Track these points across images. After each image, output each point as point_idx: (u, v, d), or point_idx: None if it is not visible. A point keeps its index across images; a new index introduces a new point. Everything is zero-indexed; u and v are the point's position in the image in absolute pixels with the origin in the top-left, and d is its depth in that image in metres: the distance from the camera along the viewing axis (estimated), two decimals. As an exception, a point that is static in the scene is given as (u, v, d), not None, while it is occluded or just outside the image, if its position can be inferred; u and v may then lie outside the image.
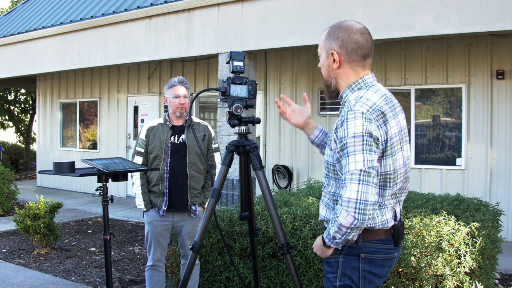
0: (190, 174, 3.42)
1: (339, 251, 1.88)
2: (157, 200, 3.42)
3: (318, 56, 2.01)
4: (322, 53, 1.97)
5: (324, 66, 1.97)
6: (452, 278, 3.05)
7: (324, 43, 1.95)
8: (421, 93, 7.11)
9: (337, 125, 1.83)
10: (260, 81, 8.39)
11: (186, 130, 3.46)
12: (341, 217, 1.71)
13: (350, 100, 1.87)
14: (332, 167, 1.89)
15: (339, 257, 1.89)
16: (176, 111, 3.43)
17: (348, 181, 1.71)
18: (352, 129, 1.73)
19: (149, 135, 3.45)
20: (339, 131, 1.78)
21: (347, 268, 1.87)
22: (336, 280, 1.89)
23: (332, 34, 1.92)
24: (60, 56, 9.33)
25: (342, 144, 1.75)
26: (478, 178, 6.60)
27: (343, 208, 1.70)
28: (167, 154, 3.39)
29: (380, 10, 5.61)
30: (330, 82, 1.97)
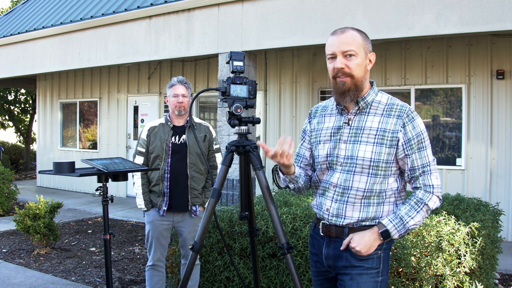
0: (191, 175, 3.42)
1: (380, 246, 1.95)
2: (158, 200, 3.43)
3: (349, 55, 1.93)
4: (361, 52, 1.95)
5: (362, 65, 1.96)
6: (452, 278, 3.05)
7: (363, 43, 1.97)
8: (421, 93, 7.11)
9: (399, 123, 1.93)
10: (260, 81, 8.39)
11: (187, 130, 3.46)
12: (432, 202, 1.91)
13: (382, 100, 2.01)
14: (385, 164, 1.94)
15: (381, 252, 1.96)
16: (175, 109, 3.44)
17: (433, 171, 1.93)
18: (422, 125, 1.95)
19: (150, 135, 3.46)
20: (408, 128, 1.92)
21: (386, 262, 1.97)
22: (378, 275, 1.95)
23: (366, 38, 2.00)
24: (60, 56, 9.33)
25: (419, 139, 1.93)
26: (478, 178, 6.60)
27: (434, 194, 1.92)
28: (168, 154, 3.40)
29: (380, 10, 5.61)
30: (362, 83, 1.98)
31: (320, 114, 2.18)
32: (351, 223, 1.96)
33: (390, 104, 1.98)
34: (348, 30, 1.98)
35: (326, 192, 2.05)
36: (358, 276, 1.94)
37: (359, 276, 1.93)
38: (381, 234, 1.89)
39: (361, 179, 1.94)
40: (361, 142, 1.95)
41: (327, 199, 2.03)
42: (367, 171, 1.94)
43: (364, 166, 1.93)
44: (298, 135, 8.04)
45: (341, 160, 1.99)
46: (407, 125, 1.92)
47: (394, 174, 1.97)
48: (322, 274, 2.12)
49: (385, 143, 1.92)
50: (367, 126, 1.96)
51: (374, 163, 1.92)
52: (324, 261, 2.06)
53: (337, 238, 2.00)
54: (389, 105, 1.98)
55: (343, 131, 2.01)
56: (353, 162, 1.95)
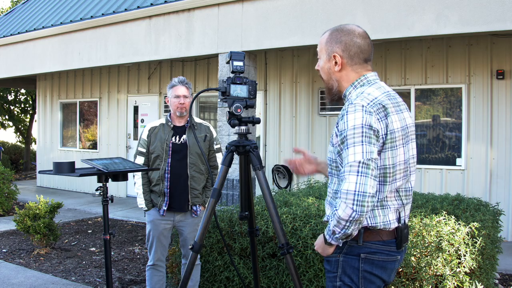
0: (191, 175, 3.43)
1: (340, 250, 1.86)
2: (158, 199, 3.43)
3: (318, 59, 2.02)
4: (323, 56, 1.97)
5: (325, 68, 1.97)
6: (452, 278, 3.05)
7: (325, 46, 1.95)
8: (421, 93, 7.11)
9: (338, 120, 1.84)
10: (260, 81, 8.39)
11: (187, 130, 3.47)
12: (340, 210, 1.69)
13: (352, 96, 1.89)
14: (334, 163, 1.88)
15: (340, 256, 1.87)
16: (176, 110, 3.45)
17: (347, 173, 1.70)
18: (352, 121, 1.73)
19: (151, 135, 3.47)
20: (340, 124, 1.79)
21: (347, 267, 1.85)
22: (336, 279, 1.87)
23: (334, 37, 1.93)
24: (60, 56, 9.33)
25: (343, 137, 1.75)
26: (478, 178, 6.60)
27: (342, 201, 1.68)
28: (168, 154, 3.40)
29: (380, 10, 5.61)
30: (332, 85, 1.97)
31: None
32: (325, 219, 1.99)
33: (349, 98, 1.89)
34: (324, 33, 2.01)
35: None
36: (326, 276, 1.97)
37: (326, 276, 1.96)
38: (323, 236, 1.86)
39: (331, 179, 1.95)
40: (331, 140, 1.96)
41: None
42: (331, 172, 1.94)
43: (331, 166, 1.93)
44: (298, 135, 8.05)
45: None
46: (342, 118, 1.79)
47: None
48: None
49: (332, 141, 1.89)
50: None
51: (330, 162, 1.92)
52: None
53: None
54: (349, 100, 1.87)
55: None
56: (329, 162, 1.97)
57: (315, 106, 7.90)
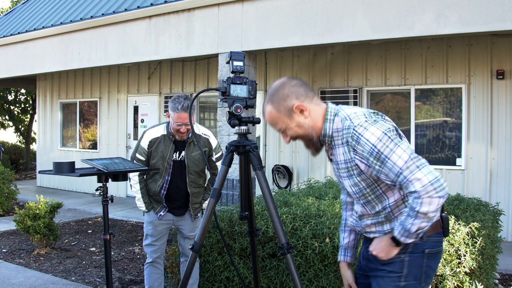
0: (191, 192, 3.47)
1: (404, 250, 1.87)
2: (157, 205, 3.48)
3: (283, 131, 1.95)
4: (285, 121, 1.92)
5: (296, 126, 1.93)
6: (452, 278, 3.05)
7: (279, 112, 1.92)
8: (421, 93, 7.11)
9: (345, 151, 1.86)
10: (260, 81, 8.39)
11: (186, 147, 3.42)
12: (425, 206, 1.69)
13: (337, 127, 1.89)
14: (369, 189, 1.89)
15: (404, 256, 1.89)
16: (177, 135, 3.35)
17: (409, 175, 1.71)
18: (373, 137, 1.76)
19: (152, 147, 3.38)
20: (358, 150, 1.80)
21: (412, 266, 1.89)
22: (401, 279, 1.89)
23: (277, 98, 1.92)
24: (60, 56, 9.33)
25: (376, 155, 1.76)
26: (478, 178, 6.59)
27: (422, 198, 1.69)
28: (168, 172, 3.39)
29: (380, 10, 5.61)
30: (312, 134, 1.94)
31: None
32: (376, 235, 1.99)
33: (342, 130, 1.88)
34: (265, 111, 1.97)
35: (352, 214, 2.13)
36: (380, 279, 1.95)
37: (382, 279, 1.95)
38: (392, 240, 1.86)
39: (361, 209, 1.99)
40: (343, 177, 1.97)
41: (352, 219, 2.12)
42: (359, 202, 1.97)
43: (355, 198, 1.98)
44: (298, 135, 8.03)
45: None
46: (357, 147, 1.80)
47: (388, 189, 1.89)
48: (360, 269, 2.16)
49: (353, 173, 1.89)
50: (339, 160, 1.94)
51: (359, 194, 1.93)
52: (361, 260, 2.12)
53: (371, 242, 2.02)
54: (342, 130, 1.88)
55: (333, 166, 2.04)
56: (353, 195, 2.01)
57: (315, 106, 7.89)
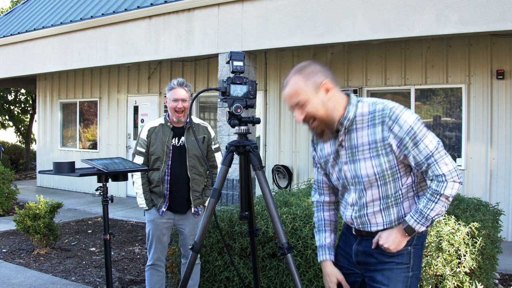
0: (191, 177, 3.43)
1: (410, 242, 1.97)
2: (158, 200, 3.43)
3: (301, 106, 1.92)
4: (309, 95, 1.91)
5: (319, 104, 1.91)
6: (452, 278, 3.05)
7: (305, 85, 1.91)
8: (421, 93, 7.11)
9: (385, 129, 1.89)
10: (260, 81, 8.39)
11: (186, 132, 3.45)
12: (449, 190, 1.85)
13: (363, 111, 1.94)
14: (390, 171, 1.93)
15: (410, 248, 1.98)
16: (174, 116, 3.40)
17: (439, 158, 1.86)
18: (410, 119, 1.87)
19: (151, 135, 3.44)
20: (395, 129, 1.88)
21: (416, 257, 2.00)
22: (409, 270, 1.98)
23: (307, 74, 1.92)
24: (60, 56, 9.33)
25: (411, 135, 1.87)
26: (478, 178, 6.59)
27: (448, 181, 1.84)
28: (169, 156, 3.39)
29: (380, 10, 5.61)
30: (331, 116, 1.94)
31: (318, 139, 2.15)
32: (379, 228, 2.00)
33: (372, 113, 1.93)
34: (289, 83, 1.95)
35: (346, 209, 2.09)
36: (389, 271, 1.98)
37: (390, 271, 1.98)
38: (405, 230, 1.92)
39: (373, 193, 1.98)
40: (360, 160, 1.96)
41: (349, 215, 2.08)
42: (376, 184, 1.96)
43: (371, 181, 1.96)
44: (298, 135, 8.05)
45: (350, 180, 2.02)
46: (393, 127, 1.87)
47: (405, 174, 1.96)
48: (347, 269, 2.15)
49: (381, 153, 1.92)
50: (359, 143, 1.96)
51: (379, 175, 1.94)
52: (354, 257, 2.10)
53: (368, 237, 2.05)
54: (371, 113, 1.93)
55: (341, 153, 2.02)
56: (360, 180, 1.98)
57: (315, 106, 7.89)
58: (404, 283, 1.97)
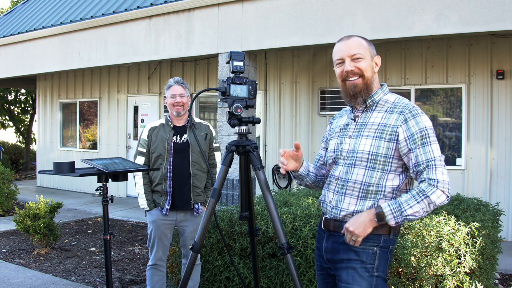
0: (194, 173, 3.43)
1: (377, 243, 1.98)
2: (160, 199, 3.43)
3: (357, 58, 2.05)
4: (367, 55, 2.06)
5: (369, 67, 2.06)
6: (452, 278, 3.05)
7: (368, 47, 2.08)
8: (421, 93, 7.11)
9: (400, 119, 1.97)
10: (260, 81, 8.39)
11: (188, 130, 3.48)
12: (435, 196, 1.87)
13: (389, 99, 2.07)
14: (383, 158, 1.98)
15: (377, 249, 1.99)
16: (173, 110, 3.44)
17: (439, 166, 1.91)
18: (427, 122, 1.96)
19: (151, 135, 3.47)
20: (410, 123, 1.95)
21: (382, 259, 2.00)
22: (374, 270, 1.99)
23: (371, 43, 2.11)
24: (60, 56, 9.33)
25: (423, 134, 1.93)
26: (478, 178, 6.60)
27: (438, 188, 1.87)
28: (170, 153, 3.40)
29: (380, 10, 5.61)
30: (372, 83, 2.07)
31: (339, 115, 2.29)
32: (347, 215, 2.03)
33: (396, 103, 2.05)
34: (354, 37, 2.10)
35: (329, 185, 2.15)
36: (353, 270, 2.00)
37: (354, 271, 2.00)
38: (376, 215, 1.91)
39: (359, 171, 2.02)
40: (363, 136, 2.04)
41: (329, 191, 2.13)
42: (365, 164, 2.01)
43: (362, 159, 2.01)
44: (298, 135, 8.04)
45: (344, 154, 2.08)
46: (410, 120, 1.96)
47: (394, 171, 2.00)
48: (324, 269, 2.19)
49: (384, 137, 1.99)
50: (370, 122, 2.05)
51: (372, 156, 2.00)
52: (324, 254, 2.13)
53: (335, 232, 2.08)
54: (395, 103, 2.05)
55: (350, 127, 2.12)
56: (354, 155, 2.04)
57: (315, 106, 7.90)
58: (368, 283, 1.97)
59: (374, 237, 1.97)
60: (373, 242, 1.97)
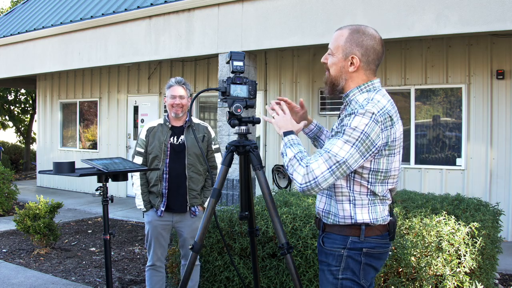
0: (189, 176, 3.42)
1: (343, 245, 1.94)
2: (156, 200, 3.43)
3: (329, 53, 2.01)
4: (338, 53, 1.97)
5: (338, 66, 1.99)
6: (452, 278, 3.05)
7: (344, 45, 1.96)
8: (421, 93, 7.11)
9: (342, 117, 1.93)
10: (260, 81, 8.39)
11: (185, 131, 3.46)
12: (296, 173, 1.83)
13: (358, 99, 1.93)
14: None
15: (343, 251, 1.94)
16: (172, 110, 3.43)
17: (324, 158, 1.80)
18: (356, 123, 1.80)
19: (149, 135, 3.46)
20: (344, 120, 1.85)
21: (350, 261, 1.94)
22: (339, 272, 1.94)
23: (355, 38, 1.94)
24: (60, 56, 9.33)
25: (341, 129, 1.83)
26: (478, 178, 6.59)
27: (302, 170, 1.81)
28: (166, 154, 3.40)
29: (380, 10, 5.61)
30: (339, 82, 2.01)
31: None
32: (320, 214, 2.06)
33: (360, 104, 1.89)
34: (340, 29, 2.01)
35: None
36: (322, 272, 2.01)
37: (322, 273, 2.01)
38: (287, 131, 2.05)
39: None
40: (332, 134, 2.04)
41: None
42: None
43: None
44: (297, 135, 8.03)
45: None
46: (345, 117, 1.86)
47: None
48: None
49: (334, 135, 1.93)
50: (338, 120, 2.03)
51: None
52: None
53: (319, 232, 2.09)
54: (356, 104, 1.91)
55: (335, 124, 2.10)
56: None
57: (315, 106, 7.90)
58: (332, 286, 1.95)
59: (339, 238, 1.94)
60: (339, 244, 1.94)
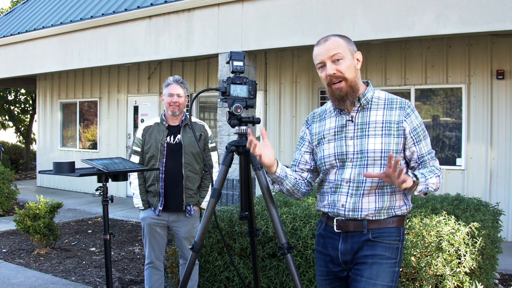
0: (186, 175, 3.42)
1: (399, 238, 2.04)
2: (153, 200, 3.43)
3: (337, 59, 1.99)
4: (347, 54, 2.01)
5: (351, 66, 2.02)
6: (452, 278, 3.05)
7: (347, 45, 2.03)
8: (421, 93, 7.11)
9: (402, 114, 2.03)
10: (260, 81, 8.39)
11: (182, 130, 3.45)
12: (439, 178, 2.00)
13: (380, 96, 2.09)
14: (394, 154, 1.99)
15: (399, 244, 2.03)
16: (169, 109, 3.42)
17: (435, 158, 2.07)
18: (418, 118, 2.06)
19: (146, 134, 3.46)
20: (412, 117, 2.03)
21: (401, 254, 2.05)
22: (396, 265, 2.02)
23: (346, 39, 2.07)
24: (60, 56, 9.33)
25: (422, 128, 2.05)
26: (478, 178, 6.59)
27: (438, 174, 2.00)
28: (163, 154, 3.39)
29: (380, 10, 5.61)
30: (357, 84, 2.04)
31: (319, 118, 2.23)
32: (369, 215, 2.02)
33: (389, 99, 2.08)
34: (330, 37, 2.06)
35: (339, 189, 2.07)
36: (377, 264, 1.99)
37: (379, 265, 1.99)
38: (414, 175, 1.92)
39: (374, 171, 2.00)
40: (369, 136, 2.02)
41: (341, 195, 2.05)
42: (379, 162, 2.00)
43: (375, 158, 2.00)
44: (298, 135, 8.04)
45: (351, 156, 2.04)
46: (411, 115, 2.03)
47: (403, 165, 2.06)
48: (332, 274, 2.13)
49: (393, 133, 2.01)
50: (371, 121, 2.04)
51: (385, 154, 2.00)
52: (340, 257, 2.07)
53: (355, 232, 2.04)
54: (388, 99, 2.08)
55: (348, 128, 2.07)
56: (363, 156, 2.01)
57: (315, 106, 7.90)
58: (391, 277, 1.99)
59: (395, 230, 2.02)
60: (396, 236, 2.02)
